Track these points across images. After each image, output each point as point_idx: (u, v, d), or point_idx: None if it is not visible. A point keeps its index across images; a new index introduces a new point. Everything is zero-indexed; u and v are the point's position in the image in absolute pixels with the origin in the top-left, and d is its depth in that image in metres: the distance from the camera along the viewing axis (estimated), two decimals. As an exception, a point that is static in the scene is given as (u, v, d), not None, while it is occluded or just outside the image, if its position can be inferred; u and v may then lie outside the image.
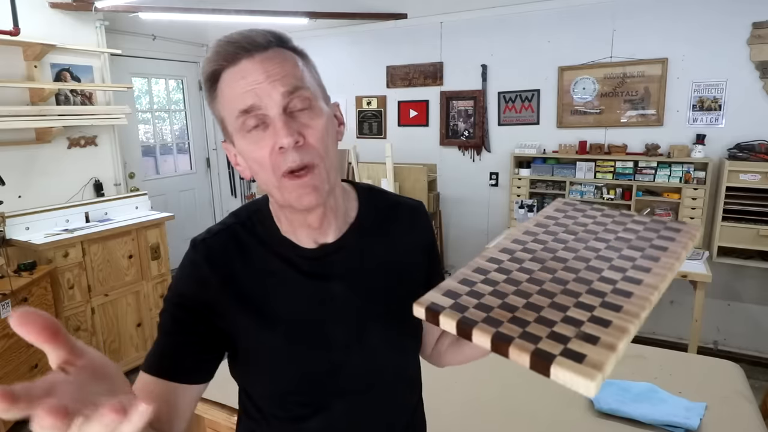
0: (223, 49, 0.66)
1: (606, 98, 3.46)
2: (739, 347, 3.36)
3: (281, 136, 0.64)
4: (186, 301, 0.72)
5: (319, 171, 0.67)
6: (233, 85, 0.66)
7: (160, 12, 3.53)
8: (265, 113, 0.65)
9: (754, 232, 2.94)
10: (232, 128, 0.68)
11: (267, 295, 0.74)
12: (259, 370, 0.76)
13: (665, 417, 1.30)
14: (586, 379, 0.44)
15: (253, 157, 0.67)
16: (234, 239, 0.75)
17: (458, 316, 0.52)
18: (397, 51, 4.17)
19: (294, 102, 0.66)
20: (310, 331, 0.75)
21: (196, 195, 5.12)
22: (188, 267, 0.74)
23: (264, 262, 0.75)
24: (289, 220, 0.75)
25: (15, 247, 2.86)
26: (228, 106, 0.67)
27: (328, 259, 0.76)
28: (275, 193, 0.69)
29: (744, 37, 3.02)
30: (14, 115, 2.92)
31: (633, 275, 0.58)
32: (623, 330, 0.49)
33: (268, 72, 0.65)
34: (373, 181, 3.71)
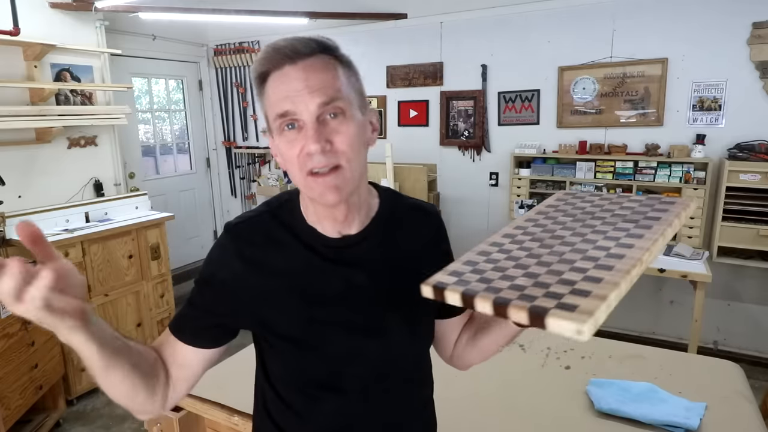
0: (270, 55, 0.72)
1: (606, 98, 3.46)
2: (739, 347, 3.36)
3: (310, 142, 0.70)
4: (212, 280, 0.81)
5: (342, 172, 0.72)
6: (275, 88, 0.72)
7: (160, 12, 3.53)
8: (300, 117, 0.71)
9: (754, 232, 2.94)
10: (272, 126, 0.75)
11: (290, 279, 0.79)
12: (278, 350, 0.81)
13: (665, 417, 1.30)
14: (578, 324, 0.47)
15: (285, 154, 0.74)
16: (263, 226, 0.81)
17: (461, 289, 0.57)
18: (397, 51, 4.17)
19: (327, 110, 0.71)
20: (330, 316, 0.79)
21: (196, 195, 5.12)
22: (218, 250, 0.82)
23: (289, 249, 0.80)
24: (316, 212, 0.80)
25: (15, 247, 2.86)
26: (269, 106, 0.74)
27: (350, 249, 0.80)
28: (302, 188, 0.76)
29: (744, 37, 3.02)
30: (14, 115, 2.92)
31: (626, 242, 0.62)
32: (614, 284, 0.53)
33: (307, 81, 0.70)
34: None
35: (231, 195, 5.29)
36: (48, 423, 2.70)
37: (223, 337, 0.83)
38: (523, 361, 1.68)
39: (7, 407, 2.36)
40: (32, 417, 2.70)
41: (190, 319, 0.82)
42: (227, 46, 4.91)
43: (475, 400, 1.45)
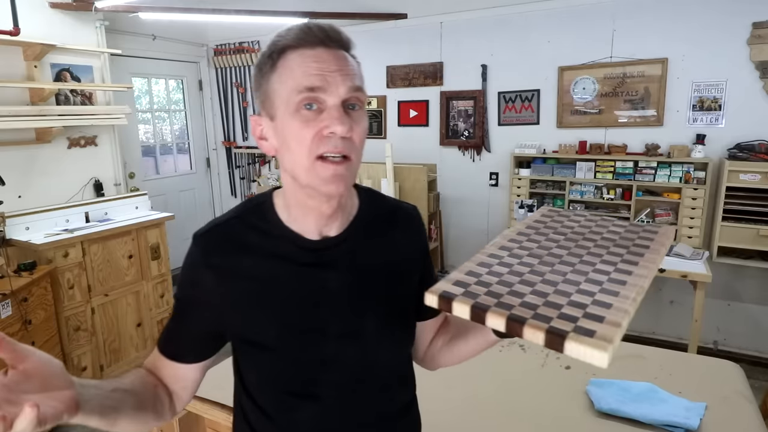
0: (311, 31, 0.70)
1: (606, 98, 3.46)
2: (739, 347, 3.36)
3: (336, 123, 0.68)
4: (188, 298, 0.80)
5: (351, 164, 0.71)
6: (305, 64, 0.69)
7: (160, 12, 3.53)
8: (326, 99, 0.69)
9: (754, 232, 2.94)
10: (284, 103, 0.70)
11: (264, 285, 0.76)
12: (254, 358, 0.79)
13: (665, 417, 1.30)
14: (599, 351, 0.48)
15: (295, 135, 0.69)
16: (233, 231, 0.78)
17: (471, 302, 0.56)
18: (397, 51, 4.17)
19: (352, 99, 0.71)
20: (305, 322, 0.77)
21: (196, 195, 5.12)
22: (188, 264, 0.79)
23: (263, 254, 0.77)
24: (300, 206, 0.76)
25: (15, 247, 2.86)
26: (291, 80, 0.69)
27: (328, 252, 0.78)
28: (302, 174, 0.71)
29: (744, 37, 3.02)
30: (14, 115, 2.92)
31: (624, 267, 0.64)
32: (624, 311, 0.55)
33: (340, 65, 0.70)
34: (372, 181, 3.71)
35: (231, 195, 5.29)
36: (48, 423, 2.70)
37: (212, 346, 0.82)
38: (523, 361, 1.68)
39: (7, 407, 2.36)
40: (32, 417, 2.70)
41: (177, 337, 0.81)
42: (227, 46, 4.91)
43: (474, 401, 1.45)
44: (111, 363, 3.15)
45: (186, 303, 0.80)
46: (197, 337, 0.81)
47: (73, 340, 2.93)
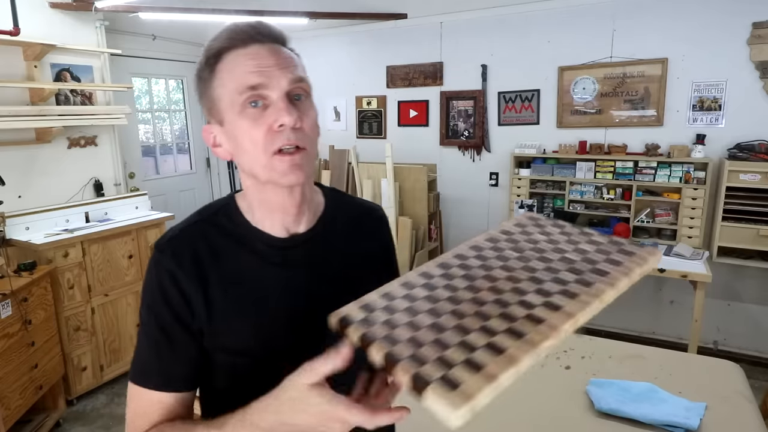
0: (240, 30, 0.70)
1: (606, 98, 3.46)
2: (739, 347, 3.36)
3: (284, 114, 0.67)
4: (163, 313, 0.73)
5: (307, 154, 0.71)
6: (242, 63, 0.69)
7: (160, 12, 3.53)
8: (269, 94, 0.68)
9: (754, 232, 2.94)
10: (229, 106, 0.70)
11: (237, 287, 0.74)
12: (230, 366, 0.76)
13: (665, 417, 1.30)
14: (450, 408, 0.41)
15: (247, 135, 0.69)
16: (200, 236, 0.76)
17: (362, 331, 0.53)
18: (397, 51, 4.17)
19: (296, 90, 0.71)
20: (280, 322, 0.76)
21: (196, 195, 5.12)
22: (156, 273, 0.73)
23: (232, 256, 0.76)
24: (264, 205, 0.76)
25: (15, 247, 2.86)
26: (231, 83, 0.69)
27: (298, 249, 0.78)
28: (260, 171, 0.71)
29: (744, 37, 3.02)
30: (14, 115, 2.92)
31: (555, 301, 0.54)
32: (513, 360, 0.46)
33: (277, 59, 0.70)
34: (373, 181, 3.71)
35: (231, 195, 5.29)
36: (48, 423, 2.70)
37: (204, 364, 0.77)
38: (523, 361, 1.68)
39: (7, 407, 2.36)
40: (32, 417, 2.70)
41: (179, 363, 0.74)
42: (227, 46, 4.90)
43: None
44: (111, 363, 3.15)
45: (165, 325, 0.73)
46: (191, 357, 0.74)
47: (73, 340, 2.93)
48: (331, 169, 3.88)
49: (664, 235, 3.31)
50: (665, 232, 3.31)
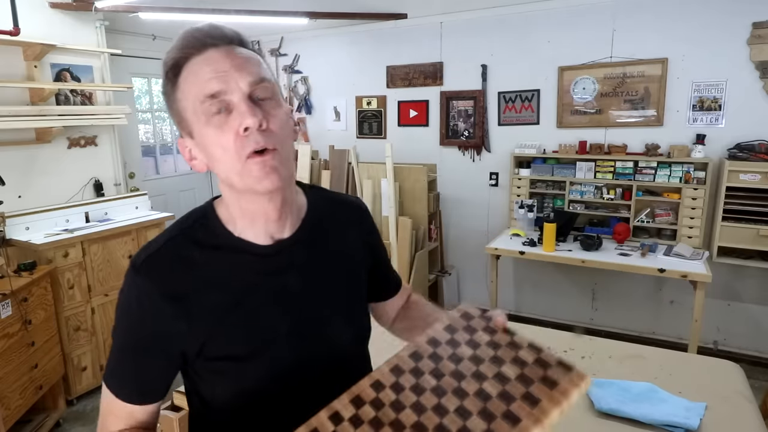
0: (192, 37, 0.68)
1: (606, 98, 3.46)
2: (739, 347, 3.36)
3: (247, 116, 0.65)
4: (139, 335, 0.73)
5: (278, 154, 0.69)
6: (199, 72, 0.67)
7: (160, 12, 3.53)
8: (230, 98, 0.66)
9: (754, 232, 2.94)
10: (193, 116, 0.69)
11: (225, 298, 0.73)
12: (221, 376, 0.75)
13: (665, 417, 1.30)
14: None
15: (216, 143, 0.67)
16: (179, 250, 0.73)
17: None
18: (397, 51, 4.17)
19: (258, 91, 0.68)
20: (272, 330, 0.75)
21: (196, 195, 5.12)
22: (133, 296, 0.72)
23: (216, 268, 0.74)
24: (246, 214, 0.74)
25: (15, 247, 2.86)
26: (191, 92, 0.68)
27: (284, 254, 0.77)
28: (236, 179, 0.69)
29: (744, 37, 3.02)
30: (14, 115, 2.92)
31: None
32: None
33: (234, 61, 0.68)
34: (373, 181, 3.71)
35: (231, 195, 5.29)
36: (48, 423, 2.70)
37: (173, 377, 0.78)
38: (523, 361, 1.68)
39: (7, 407, 2.36)
40: (32, 417, 2.70)
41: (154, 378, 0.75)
42: (227, 46, 4.90)
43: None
44: (111, 363, 3.15)
45: (142, 343, 0.73)
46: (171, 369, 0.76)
47: (73, 340, 2.93)
48: (331, 169, 3.88)
49: (664, 235, 3.31)
50: (665, 232, 3.31)
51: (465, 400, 0.57)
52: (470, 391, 0.58)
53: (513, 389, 0.58)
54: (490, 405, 0.57)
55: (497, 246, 3.37)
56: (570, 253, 3.15)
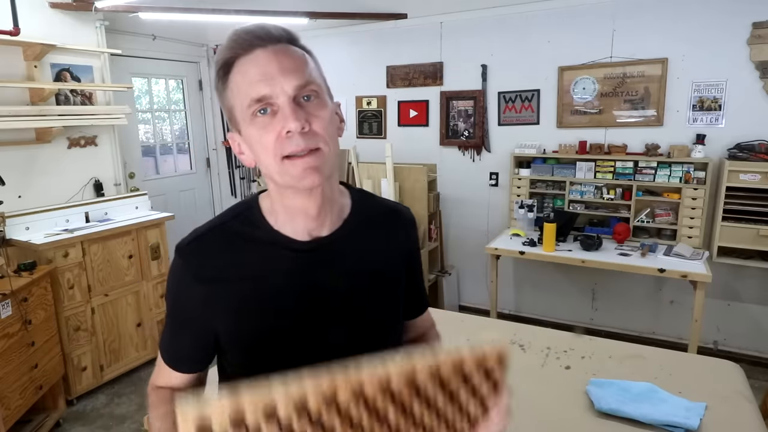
0: (240, 38, 0.70)
1: (606, 98, 3.46)
2: (739, 347, 3.36)
3: (290, 120, 0.67)
4: (176, 311, 0.81)
5: (321, 154, 0.70)
6: (247, 73, 0.69)
7: (160, 12, 3.53)
8: (275, 101, 0.69)
9: (754, 232, 2.94)
10: (242, 116, 0.71)
11: (257, 290, 0.75)
12: (249, 364, 0.78)
13: (665, 417, 1.30)
14: None
15: (259, 142, 0.70)
16: (218, 239, 0.77)
17: None
18: (397, 51, 4.17)
19: (303, 93, 0.70)
20: (301, 324, 0.76)
21: (196, 195, 5.12)
22: (173, 276, 0.79)
23: (252, 259, 0.76)
24: (287, 209, 0.76)
25: (15, 247, 2.86)
26: (240, 93, 0.70)
27: (320, 252, 0.77)
28: (276, 176, 0.71)
29: (744, 37, 3.02)
30: (14, 115, 2.92)
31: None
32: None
33: (281, 63, 0.69)
34: (372, 181, 3.71)
35: (231, 195, 5.29)
36: (48, 423, 2.70)
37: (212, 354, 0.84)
38: (523, 361, 1.68)
39: (7, 407, 2.36)
40: (32, 417, 2.70)
41: (179, 350, 0.83)
42: (227, 46, 4.90)
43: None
44: (111, 363, 3.15)
45: (181, 320, 0.81)
46: (202, 347, 0.81)
47: (73, 340, 2.93)
48: (331, 169, 3.88)
49: (664, 235, 3.31)
50: (665, 232, 3.31)
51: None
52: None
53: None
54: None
55: (497, 246, 3.37)
56: (570, 253, 3.15)
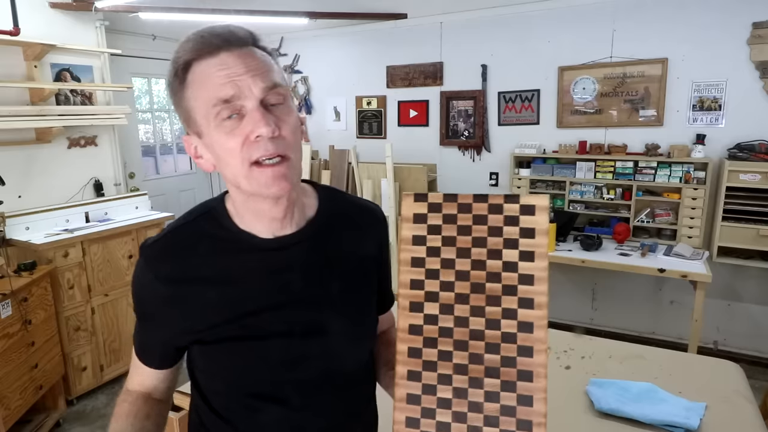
0: (205, 39, 0.68)
1: (606, 98, 3.46)
2: (739, 347, 3.36)
3: (260, 125, 0.65)
4: (142, 310, 0.81)
5: (291, 163, 0.69)
6: (212, 75, 0.67)
7: (160, 12, 3.53)
8: (243, 104, 0.66)
9: (754, 232, 2.94)
10: (203, 118, 0.69)
11: (222, 288, 0.75)
12: (216, 365, 0.78)
13: (665, 417, 1.30)
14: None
15: (224, 147, 0.68)
16: (182, 239, 0.77)
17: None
18: (397, 51, 4.17)
19: (271, 97, 0.68)
20: (267, 323, 0.75)
21: (196, 195, 5.12)
22: (136, 275, 0.79)
23: (218, 257, 0.76)
24: (252, 212, 0.75)
25: (15, 247, 2.86)
26: (202, 95, 0.68)
27: (285, 252, 0.77)
28: (243, 182, 0.69)
29: (744, 37, 3.02)
30: (14, 115, 2.92)
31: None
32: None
33: (248, 66, 0.67)
34: (373, 181, 3.71)
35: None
36: (48, 423, 2.70)
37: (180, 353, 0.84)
38: (523, 361, 1.68)
39: (7, 407, 2.36)
40: (32, 417, 2.70)
41: (149, 347, 0.83)
42: (227, 46, 4.90)
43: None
44: (111, 363, 3.15)
45: (144, 317, 0.81)
46: (166, 346, 0.81)
47: (73, 340, 2.93)
48: (331, 169, 3.88)
49: (664, 235, 3.31)
50: (665, 232, 3.31)
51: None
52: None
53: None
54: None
55: (497, 246, 3.36)
56: (570, 253, 3.15)
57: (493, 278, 0.63)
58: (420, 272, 0.65)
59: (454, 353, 0.63)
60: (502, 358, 0.61)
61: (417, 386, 0.63)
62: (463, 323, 0.63)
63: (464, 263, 0.64)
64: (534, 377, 0.60)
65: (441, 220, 0.65)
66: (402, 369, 0.64)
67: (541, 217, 0.62)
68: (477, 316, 0.63)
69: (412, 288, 0.65)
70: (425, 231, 0.65)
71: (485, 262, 0.63)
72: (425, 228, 0.66)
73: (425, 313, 0.64)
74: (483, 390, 0.61)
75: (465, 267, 0.64)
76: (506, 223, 0.63)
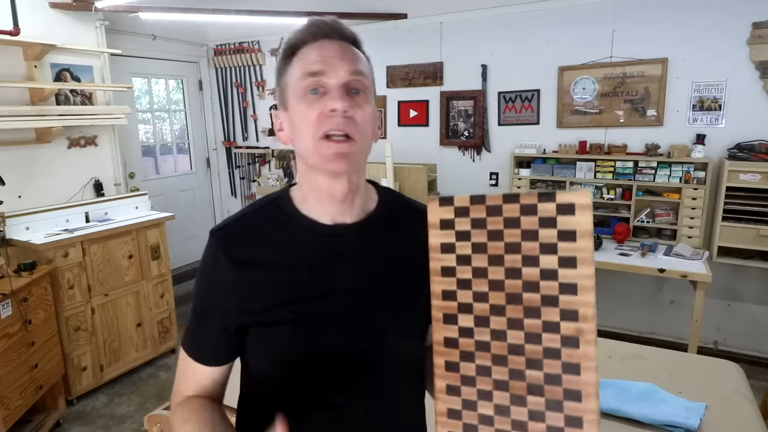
0: (313, 26, 0.76)
1: (606, 98, 3.46)
2: (739, 347, 3.36)
3: (336, 99, 0.71)
4: (206, 291, 0.81)
5: (355, 144, 0.73)
6: (309, 54, 0.74)
7: (160, 12, 3.53)
8: (327, 81, 0.72)
9: (754, 232, 2.94)
10: (293, 91, 0.75)
11: (283, 273, 0.77)
12: (267, 349, 0.79)
13: (665, 417, 1.30)
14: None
15: (303, 117, 0.73)
16: (249, 225, 0.81)
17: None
18: (397, 51, 4.17)
19: (353, 83, 0.74)
20: (322, 310, 0.77)
21: (196, 195, 5.12)
22: (205, 257, 0.81)
23: (281, 243, 0.79)
24: (314, 192, 0.78)
25: (15, 247, 2.86)
26: (296, 72, 0.75)
27: (342, 238, 0.79)
28: (309, 155, 0.74)
29: (744, 37, 3.02)
30: (14, 115, 2.92)
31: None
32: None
33: (341, 53, 0.74)
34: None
35: (231, 195, 5.29)
36: (48, 423, 2.70)
37: (238, 344, 0.83)
38: (523, 361, 1.68)
39: (7, 407, 2.36)
40: (32, 417, 2.70)
41: (206, 340, 0.82)
42: (227, 46, 4.91)
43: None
44: (111, 363, 3.15)
45: (205, 302, 0.81)
46: (223, 334, 0.81)
47: (73, 340, 2.93)
48: (331, 169, 3.88)
49: (664, 235, 3.31)
50: (665, 232, 3.31)
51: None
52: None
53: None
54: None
55: (497, 246, 3.37)
56: (570, 253, 3.15)
57: (530, 288, 0.58)
58: (451, 282, 0.62)
59: (493, 368, 0.59)
60: (545, 375, 0.57)
61: (457, 401, 0.61)
62: (500, 337, 0.59)
63: (497, 272, 0.60)
64: (583, 397, 0.55)
65: (469, 225, 0.61)
66: (440, 383, 0.62)
67: (583, 217, 0.56)
68: (515, 329, 0.59)
69: (444, 299, 0.62)
70: (453, 237, 0.62)
71: (520, 270, 0.59)
72: (453, 234, 0.62)
73: (460, 325, 0.61)
74: (527, 408, 0.58)
75: (498, 276, 0.60)
76: (541, 225, 0.58)
